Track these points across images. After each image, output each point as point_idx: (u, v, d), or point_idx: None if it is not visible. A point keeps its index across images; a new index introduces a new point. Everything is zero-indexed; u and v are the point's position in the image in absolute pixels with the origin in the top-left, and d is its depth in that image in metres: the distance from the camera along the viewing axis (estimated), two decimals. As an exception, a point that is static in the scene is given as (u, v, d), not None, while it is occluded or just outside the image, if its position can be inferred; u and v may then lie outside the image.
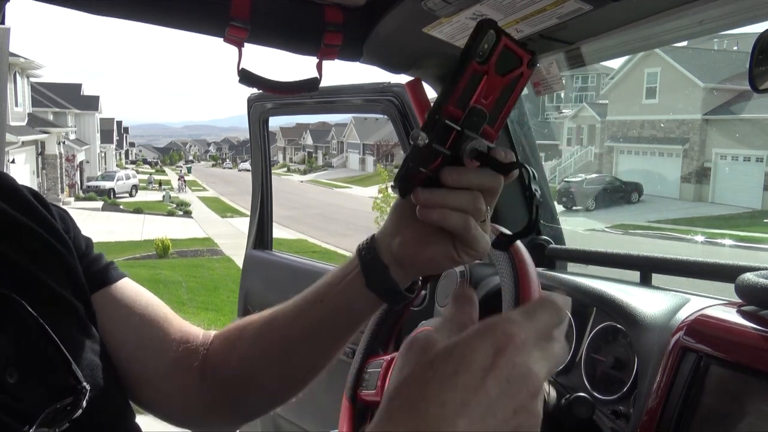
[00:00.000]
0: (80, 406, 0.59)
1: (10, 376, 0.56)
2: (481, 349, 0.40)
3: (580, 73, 26.88)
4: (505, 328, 0.41)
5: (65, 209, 0.75)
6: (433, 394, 0.39)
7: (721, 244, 10.38)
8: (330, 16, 0.99)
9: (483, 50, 0.57)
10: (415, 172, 0.59)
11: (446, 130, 0.58)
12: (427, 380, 0.40)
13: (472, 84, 0.58)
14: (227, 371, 0.75)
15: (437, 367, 0.40)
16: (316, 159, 71.76)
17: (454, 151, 0.58)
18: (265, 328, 0.74)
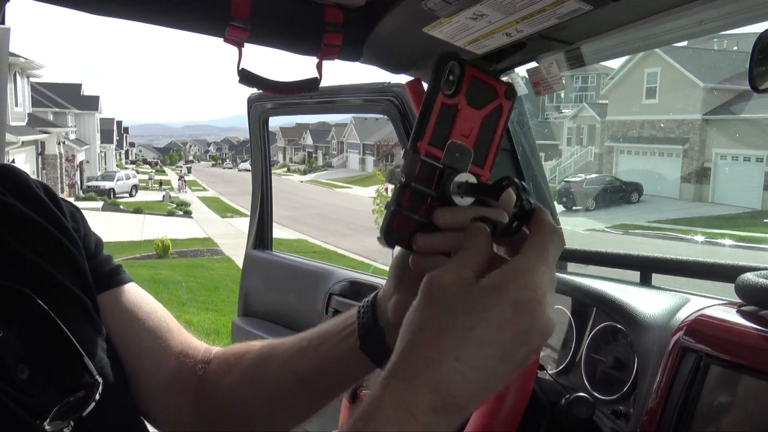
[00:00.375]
0: (93, 399, 0.59)
1: (21, 373, 0.56)
2: (500, 304, 0.44)
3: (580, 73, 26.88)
4: (526, 281, 0.45)
5: (76, 206, 0.75)
6: (450, 346, 0.43)
7: (721, 244, 10.38)
8: (330, 16, 0.99)
9: (449, 82, 0.53)
10: (400, 218, 0.54)
11: (426, 168, 0.53)
12: (446, 330, 0.44)
13: (445, 119, 0.54)
14: (219, 397, 0.74)
15: (457, 318, 0.44)
16: (316, 159, 71.78)
17: (441, 192, 0.54)
18: (259, 364, 0.72)
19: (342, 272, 2.20)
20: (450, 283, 0.46)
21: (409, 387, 0.43)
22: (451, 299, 0.45)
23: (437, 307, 0.45)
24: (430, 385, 0.43)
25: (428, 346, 0.44)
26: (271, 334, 2.31)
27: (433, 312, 0.45)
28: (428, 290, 0.46)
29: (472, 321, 0.44)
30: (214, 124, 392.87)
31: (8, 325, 0.57)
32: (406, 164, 0.53)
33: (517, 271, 0.45)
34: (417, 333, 0.45)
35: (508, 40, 0.98)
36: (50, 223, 0.67)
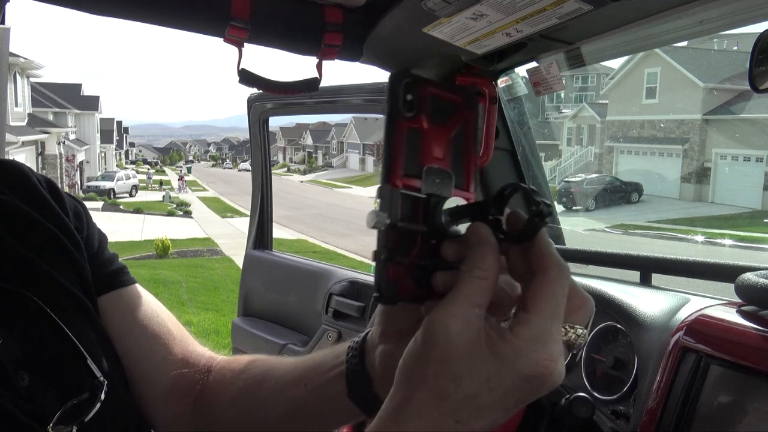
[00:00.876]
0: (98, 399, 0.58)
1: (21, 380, 0.55)
2: (509, 377, 0.42)
3: (580, 73, 26.88)
4: (539, 357, 0.42)
5: (81, 201, 0.74)
6: (451, 409, 0.42)
7: (721, 244, 10.37)
8: (330, 16, 0.99)
9: (407, 103, 0.48)
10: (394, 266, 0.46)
11: (409, 203, 0.47)
12: (448, 396, 0.41)
13: (412, 144, 0.49)
14: (213, 414, 0.72)
15: (460, 386, 0.41)
16: (316, 159, 71.77)
17: (432, 226, 0.48)
18: (253, 387, 0.70)
19: (342, 272, 2.20)
20: (456, 337, 0.42)
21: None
22: (456, 362, 0.42)
23: (440, 367, 0.42)
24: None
25: (428, 407, 0.42)
26: (271, 334, 2.31)
27: (435, 371, 0.42)
28: (432, 343, 0.42)
29: (476, 389, 0.42)
30: (214, 124, 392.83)
31: (8, 331, 0.57)
32: (386, 203, 0.46)
33: (528, 343, 0.42)
34: (418, 390, 0.42)
35: (508, 40, 0.98)
36: (52, 223, 0.66)
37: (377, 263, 0.46)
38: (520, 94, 1.53)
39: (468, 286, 0.43)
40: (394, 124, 0.49)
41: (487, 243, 0.44)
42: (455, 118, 0.52)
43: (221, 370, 0.75)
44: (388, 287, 0.46)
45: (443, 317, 0.42)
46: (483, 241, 0.45)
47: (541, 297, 0.43)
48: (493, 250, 0.45)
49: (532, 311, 0.43)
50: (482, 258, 0.44)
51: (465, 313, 0.42)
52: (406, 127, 0.49)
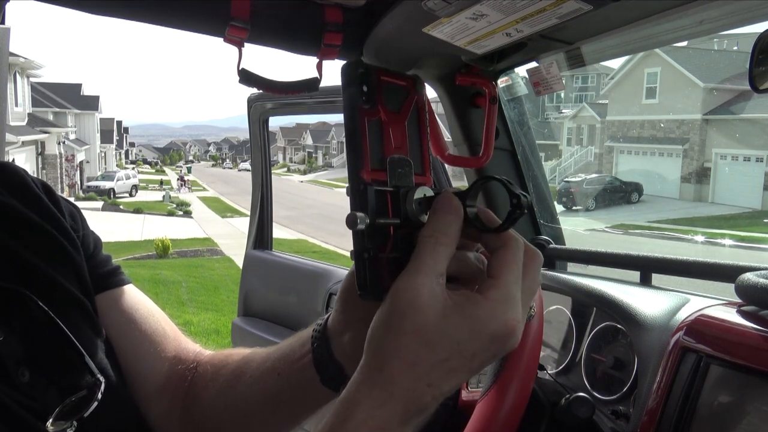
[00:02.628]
0: (95, 398, 0.59)
1: (22, 376, 0.56)
2: (478, 339, 0.44)
3: (580, 73, 26.89)
4: (505, 319, 0.45)
5: (75, 205, 0.74)
6: (422, 374, 0.44)
7: (721, 244, 10.37)
8: (330, 16, 0.98)
9: (365, 93, 0.48)
10: (377, 263, 0.47)
11: (380, 197, 0.48)
12: (420, 362, 0.44)
13: (375, 135, 0.49)
14: (199, 409, 0.73)
15: (432, 352, 0.44)
16: (316, 159, 71.76)
17: (401, 217, 0.48)
18: (233, 380, 0.71)
19: (342, 272, 2.20)
20: (426, 306, 0.43)
21: (382, 408, 0.44)
22: (425, 329, 0.43)
23: (411, 336, 0.44)
24: (402, 405, 0.44)
25: (401, 374, 0.44)
26: (271, 334, 2.31)
27: (406, 341, 0.44)
28: (402, 314, 0.44)
29: (446, 353, 0.44)
30: (214, 124, 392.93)
31: (9, 328, 0.57)
32: (360, 201, 0.47)
33: (493, 305, 0.45)
34: (390, 359, 0.44)
35: (508, 40, 0.98)
36: (49, 224, 0.67)
37: (360, 262, 0.47)
38: (520, 94, 1.53)
39: (431, 255, 0.45)
40: (356, 117, 0.48)
41: (455, 212, 0.47)
42: (407, 103, 0.52)
43: (205, 366, 0.76)
44: (374, 285, 0.47)
45: (410, 289, 0.44)
46: (451, 209, 0.47)
47: (507, 265, 0.46)
48: (459, 221, 0.47)
49: (500, 277, 0.46)
50: (448, 225, 0.46)
51: (430, 282, 0.44)
52: (367, 119, 0.48)
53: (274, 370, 0.67)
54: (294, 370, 0.65)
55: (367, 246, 0.47)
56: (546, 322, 1.19)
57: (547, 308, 1.28)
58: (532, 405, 0.91)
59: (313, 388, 0.63)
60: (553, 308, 1.29)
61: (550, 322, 1.28)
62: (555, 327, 1.28)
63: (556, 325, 1.28)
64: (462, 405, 1.18)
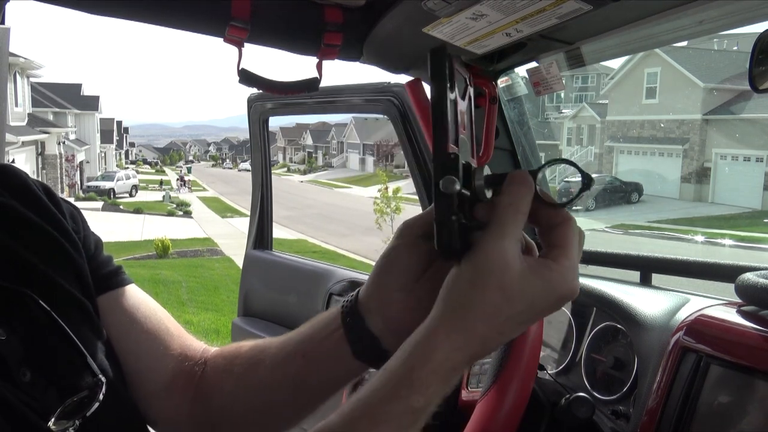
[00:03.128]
0: (97, 399, 0.59)
1: (24, 375, 0.56)
2: (548, 299, 0.52)
3: (580, 73, 26.89)
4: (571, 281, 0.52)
5: (76, 206, 0.74)
6: (498, 324, 0.51)
7: (721, 244, 10.37)
8: (330, 16, 0.98)
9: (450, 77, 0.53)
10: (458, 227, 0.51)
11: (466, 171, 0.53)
12: (499, 313, 0.51)
13: (454, 115, 0.53)
14: (215, 403, 0.73)
15: (512, 306, 0.50)
16: (316, 159, 71.76)
17: (473, 191, 0.53)
18: (250, 370, 0.71)
19: (342, 272, 2.20)
20: (512, 264, 0.50)
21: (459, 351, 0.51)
22: (508, 286, 0.50)
23: (496, 291, 0.50)
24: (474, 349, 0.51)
25: (479, 324, 0.51)
26: (271, 334, 2.30)
27: (491, 294, 0.50)
28: (489, 271, 0.50)
29: (522, 307, 0.51)
30: (214, 124, 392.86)
31: (10, 327, 0.57)
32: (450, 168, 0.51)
33: (565, 270, 0.52)
34: (469, 311, 0.51)
35: (508, 40, 0.98)
36: (50, 225, 0.67)
37: (448, 224, 0.51)
38: (520, 94, 1.53)
39: (512, 221, 0.52)
40: (444, 96, 0.52)
41: (530, 185, 0.53)
42: (467, 92, 0.57)
43: (215, 359, 0.76)
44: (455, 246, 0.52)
45: (499, 248, 0.50)
46: (527, 182, 0.53)
47: (571, 237, 0.54)
48: (532, 193, 0.53)
49: (567, 247, 0.53)
50: (524, 196, 0.53)
51: (513, 246, 0.51)
52: (450, 100, 0.53)
53: (297, 352, 0.67)
54: (323, 348, 0.65)
55: (455, 210, 0.51)
56: (546, 322, 1.19)
57: (547, 308, 1.28)
58: (532, 405, 0.91)
59: (344, 364, 0.65)
60: (553, 308, 1.29)
61: (550, 322, 1.28)
62: (555, 327, 1.28)
63: (556, 325, 1.28)
64: (462, 405, 1.18)
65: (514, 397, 0.87)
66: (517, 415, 0.91)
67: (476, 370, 1.09)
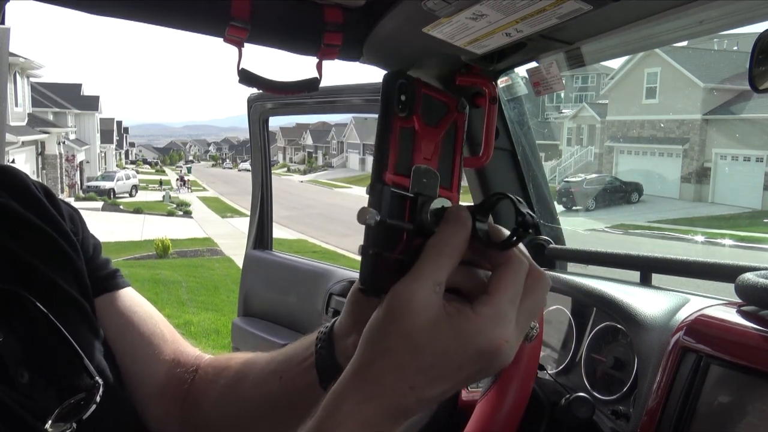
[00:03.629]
0: (94, 401, 0.59)
1: (21, 377, 0.56)
2: (466, 352, 0.45)
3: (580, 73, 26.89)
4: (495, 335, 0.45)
5: (75, 208, 0.75)
6: (407, 376, 0.45)
7: (721, 244, 10.37)
8: (330, 16, 0.99)
9: (402, 102, 0.49)
10: (383, 261, 0.48)
11: (397, 200, 0.48)
12: (406, 365, 0.45)
13: (405, 142, 0.50)
14: (201, 412, 0.73)
15: (418, 357, 0.45)
16: (316, 159, 71.76)
17: (418, 224, 0.49)
18: (234, 384, 0.71)
19: (342, 272, 2.20)
20: (418, 311, 0.44)
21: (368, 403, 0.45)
22: (416, 335, 0.44)
23: (399, 339, 0.45)
24: (387, 403, 0.45)
25: (386, 374, 0.45)
26: (271, 334, 2.31)
27: (394, 342, 0.45)
28: (394, 316, 0.45)
29: (431, 360, 0.45)
30: (214, 124, 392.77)
31: (8, 329, 0.57)
32: (376, 199, 0.48)
33: (483, 321, 0.45)
34: (377, 358, 0.45)
35: (508, 40, 0.98)
36: (49, 226, 0.67)
37: (365, 258, 0.48)
38: (520, 94, 1.53)
39: (433, 264, 0.46)
40: (388, 123, 0.49)
41: (462, 224, 0.47)
42: (446, 119, 0.53)
43: (206, 368, 0.76)
44: (375, 281, 0.48)
45: (406, 292, 0.45)
46: (459, 221, 0.47)
47: (503, 283, 0.46)
48: (466, 233, 0.47)
49: (495, 294, 0.46)
50: (453, 236, 0.47)
51: (426, 289, 0.45)
52: (399, 127, 0.49)
53: (276, 373, 0.67)
54: (296, 373, 0.65)
55: (373, 243, 0.47)
56: (546, 322, 1.19)
57: (547, 308, 1.28)
58: (532, 405, 0.91)
59: (313, 392, 0.62)
60: (553, 308, 1.29)
61: (550, 322, 1.28)
62: (555, 327, 1.28)
63: (556, 325, 1.28)
64: (462, 405, 1.18)
65: (514, 397, 0.87)
66: (517, 415, 0.91)
67: (476, 370, 1.09)
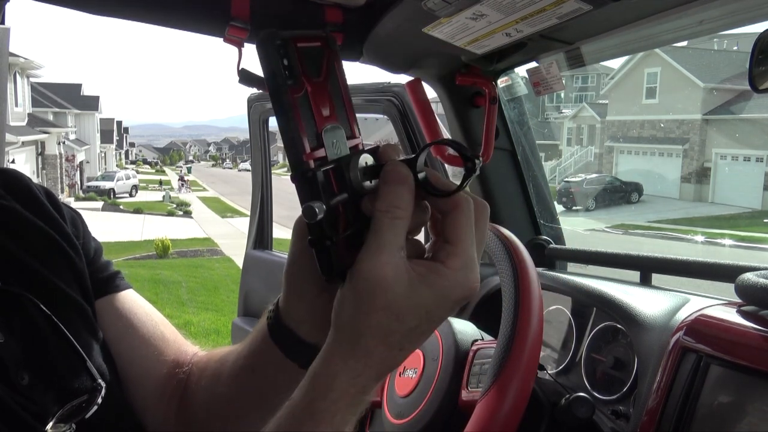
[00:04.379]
0: (95, 403, 0.59)
1: (22, 379, 0.56)
2: (444, 305, 0.47)
3: (580, 73, 26.89)
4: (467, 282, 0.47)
5: (77, 211, 0.75)
6: (396, 342, 0.47)
7: (721, 244, 10.37)
8: (330, 16, 0.99)
9: (286, 68, 0.45)
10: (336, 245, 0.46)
11: (326, 178, 0.45)
12: (393, 332, 0.46)
13: (306, 111, 0.46)
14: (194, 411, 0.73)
15: (403, 322, 0.46)
16: (316, 159, 71.64)
17: (348, 191, 0.47)
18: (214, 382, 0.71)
19: (342, 272, 2.20)
20: (393, 282, 0.45)
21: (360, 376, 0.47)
22: (394, 304, 0.45)
23: (383, 313, 0.45)
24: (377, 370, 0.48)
25: (376, 346, 0.47)
26: (271, 334, 2.31)
27: (378, 317, 0.46)
28: (370, 291, 0.45)
29: (416, 321, 0.47)
30: (214, 124, 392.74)
31: (9, 331, 0.57)
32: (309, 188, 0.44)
33: (457, 273, 0.46)
34: (363, 336, 0.46)
35: (508, 40, 0.98)
36: (51, 228, 0.67)
37: (322, 250, 0.46)
38: (520, 94, 1.53)
39: (390, 230, 0.45)
40: (284, 98, 0.45)
41: (406, 182, 0.46)
42: (325, 64, 0.48)
43: (193, 368, 0.76)
44: (337, 267, 0.46)
45: (376, 267, 0.45)
46: (401, 179, 0.46)
47: (462, 229, 0.47)
48: (411, 190, 0.46)
49: (458, 243, 0.47)
50: (400, 197, 0.46)
51: (393, 258, 0.45)
52: (295, 98, 0.45)
53: (246, 367, 0.66)
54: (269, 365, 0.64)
55: (328, 233, 0.45)
56: (546, 322, 1.19)
57: (547, 308, 1.28)
58: (532, 405, 0.91)
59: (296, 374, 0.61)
60: (553, 308, 1.29)
61: (550, 322, 1.28)
62: (555, 327, 1.28)
63: (556, 325, 1.28)
64: (462, 405, 1.18)
65: (514, 397, 0.87)
66: (517, 415, 0.91)
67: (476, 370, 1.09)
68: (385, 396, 1.11)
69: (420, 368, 1.04)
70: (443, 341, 1.04)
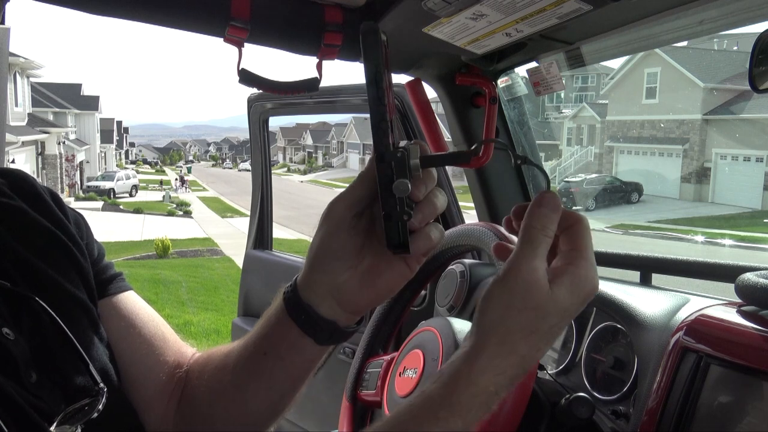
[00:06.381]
0: (97, 407, 0.59)
1: (30, 376, 0.57)
2: (579, 303, 0.55)
3: (580, 73, 26.87)
4: (593, 281, 0.55)
5: (81, 214, 0.75)
6: (538, 340, 0.54)
7: (721, 244, 10.36)
8: (330, 16, 0.99)
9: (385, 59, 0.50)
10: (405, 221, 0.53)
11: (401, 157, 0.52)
12: (537, 330, 0.53)
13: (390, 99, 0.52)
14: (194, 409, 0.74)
15: (547, 321, 0.53)
16: (316, 159, 71.74)
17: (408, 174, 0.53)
18: (218, 375, 0.72)
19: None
20: (543, 284, 0.53)
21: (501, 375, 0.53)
22: (544, 304, 0.53)
23: (532, 311, 0.53)
24: (515, 370, 0.54)
25: (520, 343, 0.53)
26: (271, 334, 2.31)
27: (528, 315, 0.53)
28: (523, 292, 0.53)
29: (556, 319, 0.54)
30: (214, 124, 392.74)
31: (19, 330, 0.58)
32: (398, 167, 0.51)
33: (586, 272, 0.55)
34: (511, 332, 0.53)
35: (508, 40, 0.98)
36: (58, 229, 0.68)
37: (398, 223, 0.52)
38: (520, 94, 1.53)
39: (542, 245, 0.55)
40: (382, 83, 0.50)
41: (559, 210, 0.56)
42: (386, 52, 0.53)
43: (192, 367, 0.76)
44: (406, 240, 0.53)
45: (531, 272, 0.53)
46: (557, 206, 0.56)
47: (583, 239, 0.57)
48: (560, 215, 0.56)
49: (583, 249, 0.56)
50: (553, 222, 0.55)
51: (542, 264, 0.54)
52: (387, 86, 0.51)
53: (257, 352, 0.68)
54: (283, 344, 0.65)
55: (406, 209, 0.51)
56: (546, 322, 1.18)
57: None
58: (532, 405, 0.91)
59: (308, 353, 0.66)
60: (553, 308, 1.29)
61: (550, 322, 1.28)
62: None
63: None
64: (462, 405, 1.18)
65: (514, 397, 0.87)
66: (518, 415, 0.91)
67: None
68: (385, 396, 1.11)
69: (420, 368, 1.04)
70: (443, 341, 1.04)
